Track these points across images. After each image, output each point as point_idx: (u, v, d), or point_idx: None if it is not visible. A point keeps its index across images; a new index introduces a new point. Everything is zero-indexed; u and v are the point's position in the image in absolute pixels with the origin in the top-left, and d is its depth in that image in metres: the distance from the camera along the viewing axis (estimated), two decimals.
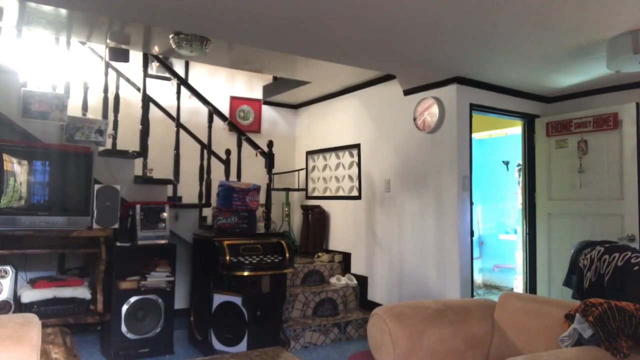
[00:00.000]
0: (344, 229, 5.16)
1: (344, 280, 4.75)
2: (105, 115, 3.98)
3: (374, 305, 4.45)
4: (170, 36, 3.43)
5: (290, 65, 4.40)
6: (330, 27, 2.92)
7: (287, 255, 3.72)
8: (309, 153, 5.82)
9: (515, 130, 5.42)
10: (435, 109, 4.04)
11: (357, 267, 4.92)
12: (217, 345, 3.58)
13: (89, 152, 3.55)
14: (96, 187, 3.48)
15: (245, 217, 3.88)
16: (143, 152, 4.04)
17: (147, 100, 4.12)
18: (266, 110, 5.89)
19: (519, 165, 5.52)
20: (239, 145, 4.31)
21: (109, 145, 3.89)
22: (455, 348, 2.23)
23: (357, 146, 5.02)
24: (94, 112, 4.04)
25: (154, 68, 4.90)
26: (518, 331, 2.27)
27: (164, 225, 3.68)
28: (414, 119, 4.23)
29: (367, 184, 4.87)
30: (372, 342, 2.23)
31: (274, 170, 4.43)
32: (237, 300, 3.58)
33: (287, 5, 2.60)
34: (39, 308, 3.24)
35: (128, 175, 3.98)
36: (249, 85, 5.76)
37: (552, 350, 1.95)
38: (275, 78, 5.60)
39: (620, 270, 2.40)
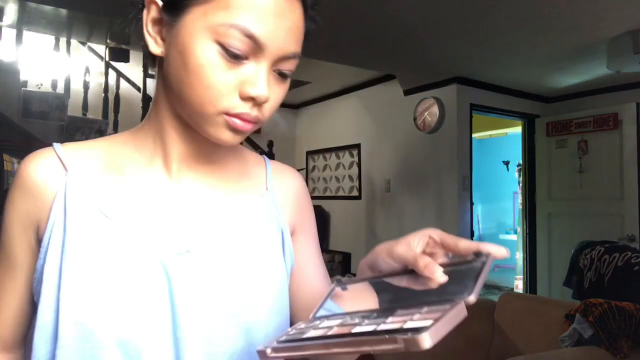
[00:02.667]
0: (344, 229, 5.16)
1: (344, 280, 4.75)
2: (105, 115, 3.98)
3: None
4: None
5: None
6: (331, 27, 2.92)
7: None
8: (309, 153, 5.82)
9: (515, 130, 5.42)
10: (435, 109, 4.03)
11: (357, 267, 4.91)
12: None
13: None
14: None
15: None
16: None
17: (147, 100, 4.12)
18: None
19: (519, 165, 5.52)
20: None
21: None
22: (455, 348, 2.23)
23: (357, 146, 5.01)
24: (94, 112, 4.04)
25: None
26: (518, 331, 2.27)
27: None
28: (414, 119, 4.23)
29: (367, 184, 4.87)
30: None
31: None
32: None
33: None
34: None
35: None
36: None
37: (552, 350, 1.95)
38: None
39: (620, 270, 2.40)
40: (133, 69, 4.43)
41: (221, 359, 0.54)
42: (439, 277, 0.44)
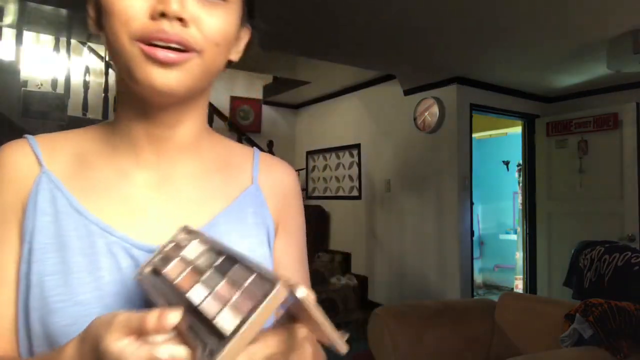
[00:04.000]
0: (344, 229, 5.16)
1: (344, 280, 4.75)
2: (105, 115, 3.98)
3: (374, 305, 4.44)
4: None
5: (290, 65, 4.40)
6: (331, 27, 2.92)
7: None
8: (309, 153, 5.82)
9: (515, 130, 5.42)
10: (435, 109, 4.03)
11: (357, 267, 4.92)
12: None
13: None
14: None
15: None
16: None
17: None
18: (266, 110, 5.89)
19: (519, 165, 5.52)
20: None
21: None
22: (455, 348, 2.23)
23: (357, 146, 5.01)
24: (94, 112, 4.04)
25: None
26: (518, 331, 2.27)
27: None
28: (414, 119, 4.23)
29: (367, 184, 4.87)
30: (372, 342, 2.23)
31: None
32: None
33: (286, 6, 2.60)
34: None
35: None
36: (249, 85, 5.75)
37: (552, 350, 1.95)
38: (275, 78, 5.60)
39: (620, 270, 2.39)
40: None
41: None
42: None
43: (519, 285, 5.38)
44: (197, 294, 0.39)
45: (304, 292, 0.34)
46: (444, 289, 3.96)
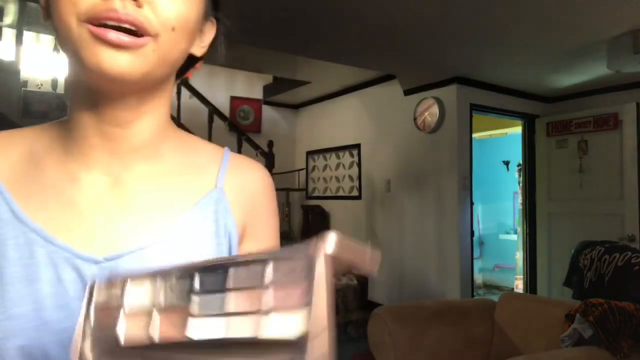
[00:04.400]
0: (344, 229, 5.16)
1: (344, 280, 4.75)
2: None
3: (374, 305, 4.44)
4: None
5: (290, 65, 4.40)
6: (331, 27, 2.92)
7: None
8: (309, 153, 5.82)
9: (515, 130, 5.42)
10: (435, 109, 4.03)
11: None
12: None
13: None
14: None
15: None
16: None
17: None
18: (266, 110, 5.89)
19: (519, 165, 5.52)
20: (239, 145, 4.31)
21: None
22: (455, 348, 2.23)
23: (357, 146, 5.02)
24: None
25: None
26: (518, 331, 2.27)
27: None
28: (414, 119, 4.23)
29: (367, 184, 4.87)
30: (372, 342, 2.23)
31: (274, 170, 4.43)
32: None
33: (286, 5, 2.60)
34: None
35: None
36: (249, 85, 5.75)
37: (552, 350, 1.95)
38: (275, 78, 5.60)
39: (620, 270, 2.40)
40: None
41: None
42: None
43: (519, 285, 5.38)
44: (203, 330, 0.30)
45: (334, 239, 0.29)
46: (443, 289, 3.96)
